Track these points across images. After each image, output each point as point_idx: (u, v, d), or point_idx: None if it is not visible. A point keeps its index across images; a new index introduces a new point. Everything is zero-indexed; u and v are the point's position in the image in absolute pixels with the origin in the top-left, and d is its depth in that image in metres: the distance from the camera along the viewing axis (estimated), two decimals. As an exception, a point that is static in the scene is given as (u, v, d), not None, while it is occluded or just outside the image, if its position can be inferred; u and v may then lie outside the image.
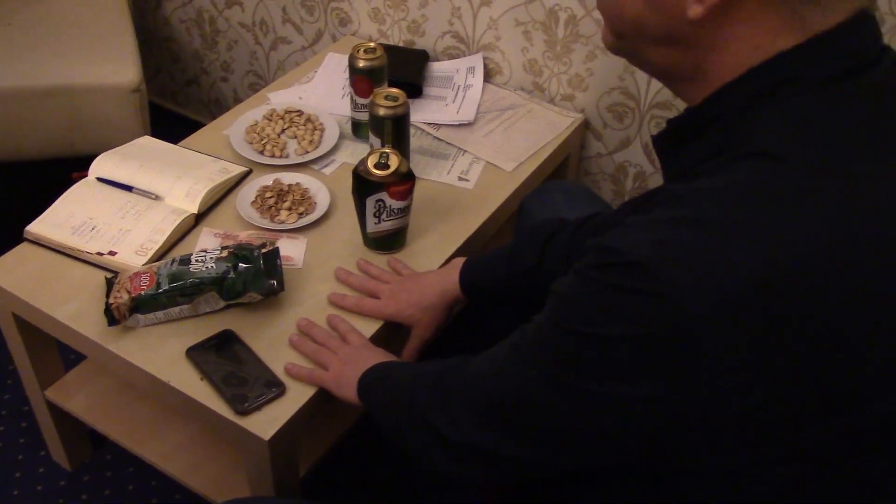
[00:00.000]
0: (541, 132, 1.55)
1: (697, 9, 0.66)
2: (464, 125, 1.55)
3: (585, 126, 1.64)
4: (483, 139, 1.52)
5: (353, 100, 1.44)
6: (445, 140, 1.51)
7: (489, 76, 1.70)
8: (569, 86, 1.62)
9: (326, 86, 1.64)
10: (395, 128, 1.31)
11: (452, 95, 1.62)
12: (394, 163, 1.17)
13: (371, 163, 1.17)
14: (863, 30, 0.67)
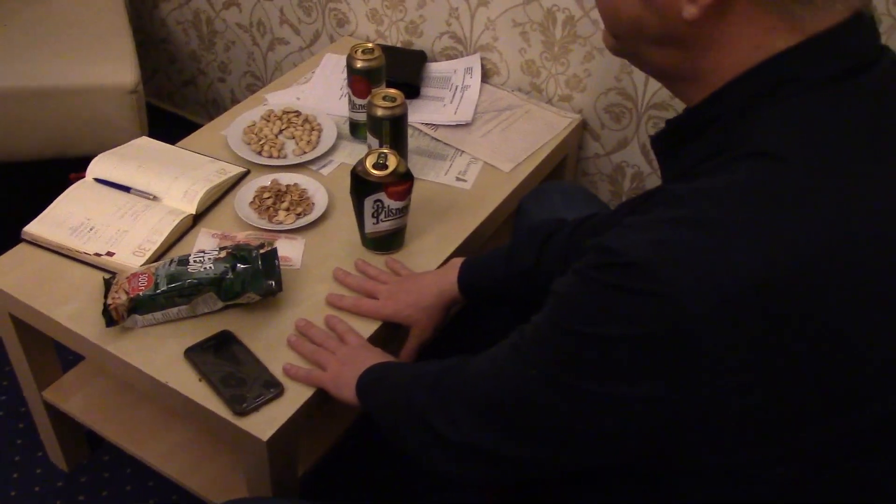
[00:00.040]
0: (538, 133, 1.55)
1: (692, 9, 0.67)
2: (461, 126, 1.55)
3: (583, 127, 1.64)
4: (481, 140, 1.52)
5: (351, 100, 1.44)
6: (443, 140, 1.51)
7: (487, 77, 1.70)
8: (566, 86, 1.62)
9: (324, 86, 1.64)
10: (394, 128, 1.31)
11: (450, 96, 1.62)
12: (392, 163, 1.17)
13: (369, 163, 1.17)
14: (861, 30, 0.68)
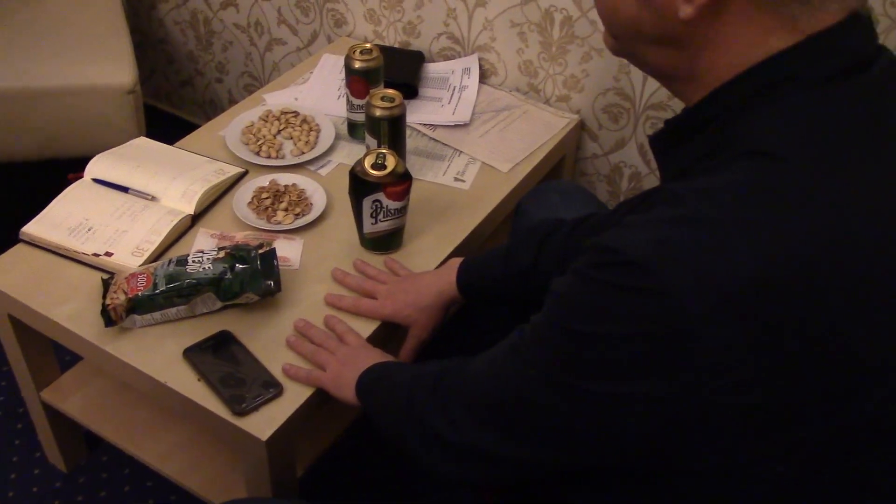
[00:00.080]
0: (536, 133, 1.55)
1: (687, 9, 0.67)
2: (460, 126, 1.55)
3: (581, 127, 1.64)
4: (479, 140, 1.52)
5: (349, 101, 1.44)
6: (441, 141, 1.51)
7: (485, 77, 1.70)
8: (564, 87, 1.63)
9: (322, 87, 1.64)
10: (392, 128, 1.31)
11: (448, 96, 1.62)
12: (390, 163, 1.17)
13: (368, 163, 1.17)
14: (858, 30, 0.68)
